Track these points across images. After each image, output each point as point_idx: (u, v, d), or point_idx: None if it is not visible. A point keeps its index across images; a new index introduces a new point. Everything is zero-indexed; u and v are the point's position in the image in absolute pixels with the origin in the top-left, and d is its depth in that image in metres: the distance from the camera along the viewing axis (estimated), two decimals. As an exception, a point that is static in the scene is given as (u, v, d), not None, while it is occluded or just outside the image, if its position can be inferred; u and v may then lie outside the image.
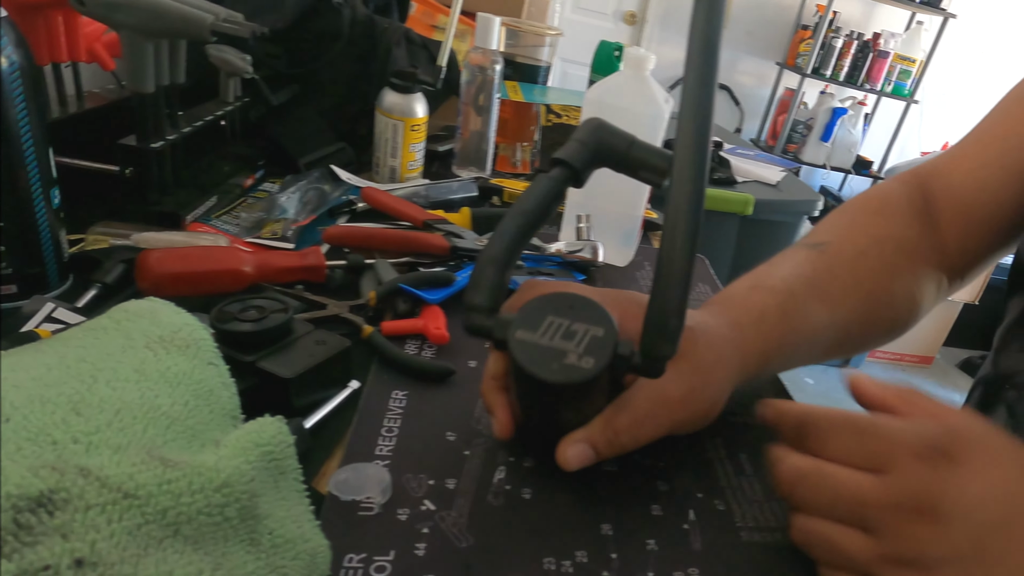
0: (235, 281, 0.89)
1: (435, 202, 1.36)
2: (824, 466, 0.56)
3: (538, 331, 0.57)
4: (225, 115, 1.26)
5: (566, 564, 0.63)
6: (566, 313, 0.59)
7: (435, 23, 2.02)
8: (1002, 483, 0.49)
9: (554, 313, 0.59)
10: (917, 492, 0.50)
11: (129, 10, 0.92)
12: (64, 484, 0.37)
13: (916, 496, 0.50)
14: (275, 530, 0.48)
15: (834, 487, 0.54)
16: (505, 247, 0.62)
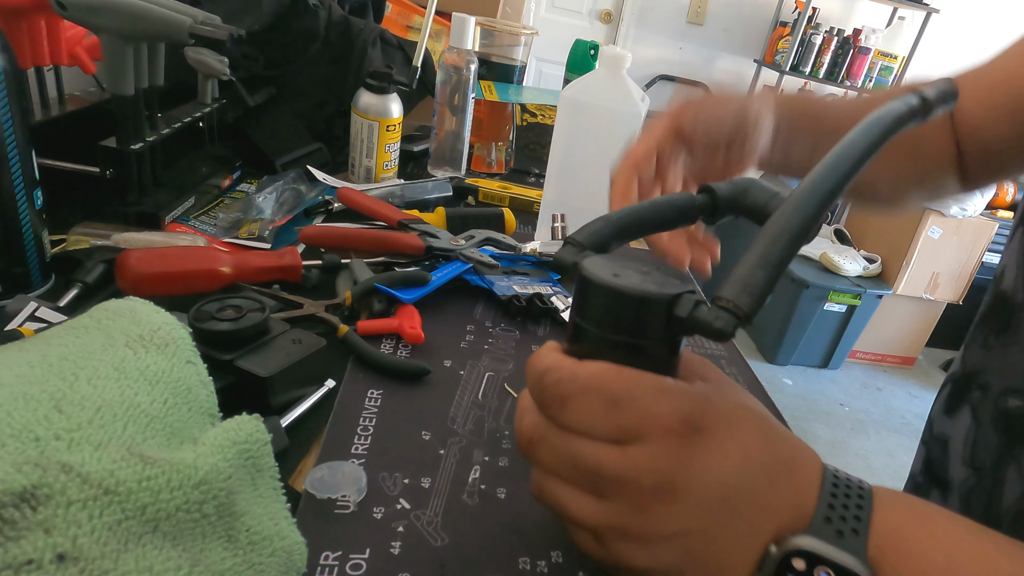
0: (213, 281, 0.90)
1: (410, 202, 1.37)
2: (565, 435, 0.51)
3: (613, 266, 0.52)
4: (203, 117, 1.27)
5: (541, 564, 0.63)
6: (645, 265, 0.55)
7: (410, 23, 2.02)
8: (739, 456, 0.48)
9: (632, 260, 0.55)
10: (659, 468, 0.48)
11: (109, 14, 0.92)
12: (47, 480, 0.37)
13: (657, 472, 0.48)
14: (252, 527, 0.48)
15: (572, 457, 0.51)
16: (625, 214, 0.61)
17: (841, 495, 0.48)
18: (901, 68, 5.19)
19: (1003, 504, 0.73)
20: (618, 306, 0.50)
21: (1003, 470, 0.73)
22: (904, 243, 4.84)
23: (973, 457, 0.78)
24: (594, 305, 0.52)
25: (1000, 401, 0.75)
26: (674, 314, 0.49)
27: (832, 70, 5.25)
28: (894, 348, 5.38)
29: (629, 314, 0.50)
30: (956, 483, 0.80)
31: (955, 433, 0.82)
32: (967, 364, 0.83)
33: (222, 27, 1.01)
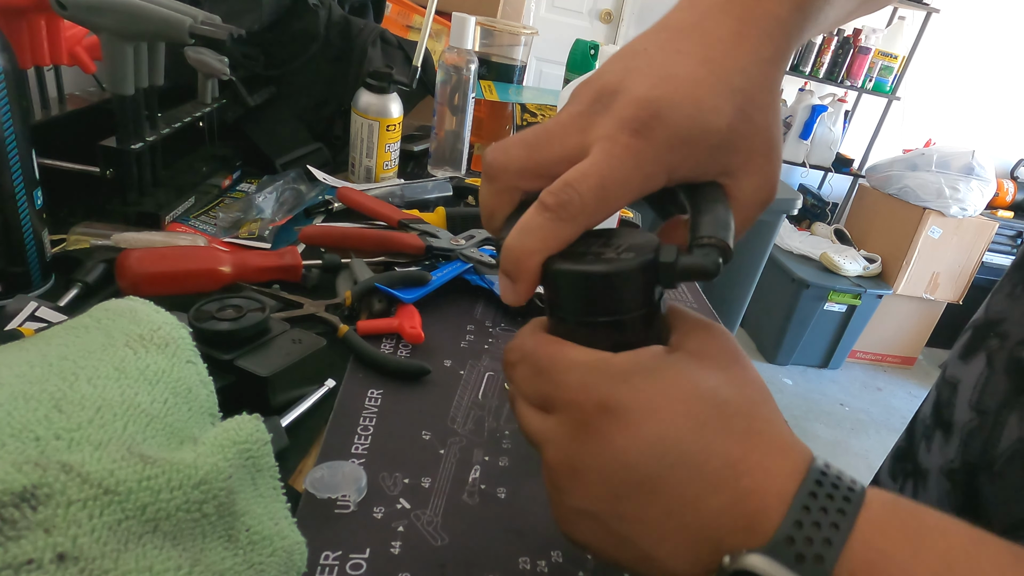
0: (213, 280, 0.90)
1: (410, 202, 1.37)
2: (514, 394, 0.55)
3: (572, 256, 0.51)
4: (203, 116, 1.27)
5: (541, 564, 0.64)
6: (605, 235, 0.54)
7: (410, 23, 2.02)
8: (654, 443, 0.46)
9: (593, 235, 0.53)
10: (563, 442, 0.49)
11: (109, 13, 0.92)
12: (47, 480, 0.37)
13: (561, 446, 0.49)
14: (252, 527, 0.48)
15: (516, 412, 0.54)
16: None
17: (816, 510, 0.43)
18: (901, 68, 5.19)
19: (999, 446, 0.73)
20: (600, 289, 0.50)
21: (1005, 415, 0.73)
22: (904, 243, 4.85)
23: (980, 401, 0.78)
24: (574, 297, 0.51)
25: (1016, 350, 0.75)
26: (660, 263, 0.48)
27: (832, 70, 5.24)
28: (894, 348, 5.38)
29: (612, 294, 0.50)
30: (960, 425, 0.80)
31: (966, 377, 0.82)
32: (990, 311, 0.83)
33: (222, 27, 1.01)
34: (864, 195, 5.39)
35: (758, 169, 0.51)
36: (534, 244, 0.49)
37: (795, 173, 5.70)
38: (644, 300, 0.50)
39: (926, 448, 0.85)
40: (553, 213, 0.49)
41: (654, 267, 0.49)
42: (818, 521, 0.43)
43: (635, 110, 0.49)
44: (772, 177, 0.51)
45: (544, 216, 0.49)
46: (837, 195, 5.73)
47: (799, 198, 3.26)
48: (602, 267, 0.48)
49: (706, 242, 0.47)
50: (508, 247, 0.51)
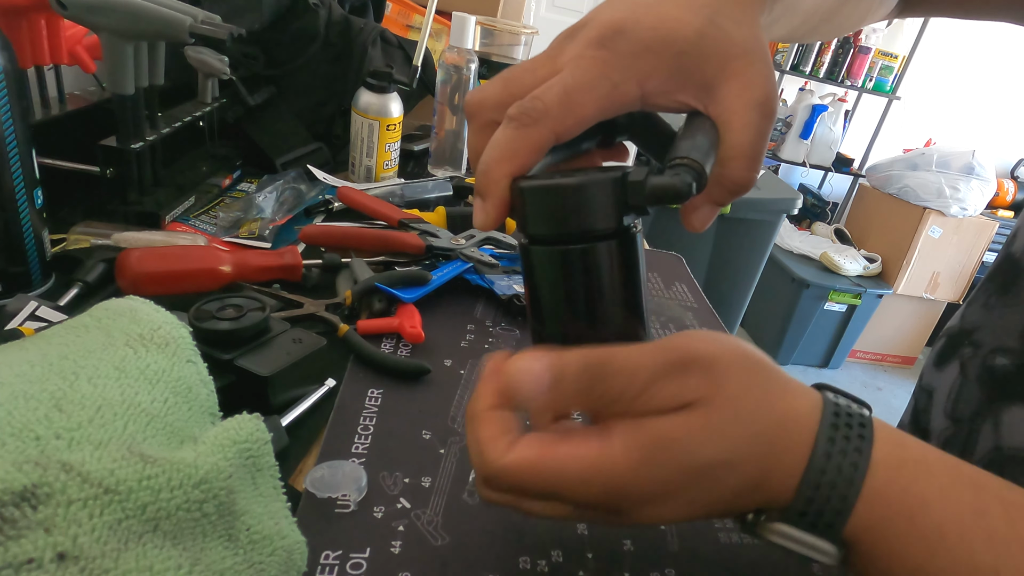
0: (213, 280, 0.90)
1: (410, 201, 1.37)
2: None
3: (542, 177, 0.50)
4: (203, 116, 1.27)
5: (541, 564, 0.63)
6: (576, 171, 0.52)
7: (410, 23, 2.02)
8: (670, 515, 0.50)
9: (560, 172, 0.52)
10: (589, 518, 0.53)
11: (109, 13, 0.92)
12: (47, 479, 0.37)
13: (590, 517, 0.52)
14: (252, 526, 0.48)
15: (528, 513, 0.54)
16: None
17: (820, 500, 0.47)
18: (901, 68, 5.19)
19: (975, 455, 0.74)
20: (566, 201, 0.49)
21: (979, 423, 0.74)
22: (904, 243, 4.85)
23: (954, 409, 0.79)
24: (541, 212, 0.50)
25: (988, 358, 0.75)
26: (629, 180, 0.47)
27: (832, 70, 5.24)
28: (894, 348, 5.38)
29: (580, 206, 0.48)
30: (935, 433, 0.81)
31: (941, 385, 0.82)
32: (965, 320, 0.83)
33: (222, 26, 1.01)
34: (864, 195, 5.39)
35: (738, 72, 0.50)
36: (499, 154, 0.49)
37: (795, 173, 5.70)
38: (612, 221, 0.49)
39: None
40: (517, 122, 0.49)
41: (622, 185, 0.48)
42: (827, 499, 0.47)
43: (600, 30, 0.50)
44: (757, 78, 0.50)
45: (509, 127, 0.49)
46: (837, 195, 5.74)
47: (799, 198, 3.26)
48: (567, 180, 0.48)
49: (679, 162, 0.46)
50: (479, 165, 0.51)
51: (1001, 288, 0.79)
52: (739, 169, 0.51)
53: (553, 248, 0.50)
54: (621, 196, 0.48)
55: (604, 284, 0.50)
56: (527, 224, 0.50)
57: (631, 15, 0.50)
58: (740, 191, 0.52)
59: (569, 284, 0.50)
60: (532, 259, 0.51)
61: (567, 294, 0.51)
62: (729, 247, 3.27)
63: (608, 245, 0.49)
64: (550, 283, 0.51)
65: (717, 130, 0.51)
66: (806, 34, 0.75)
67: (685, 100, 0.52)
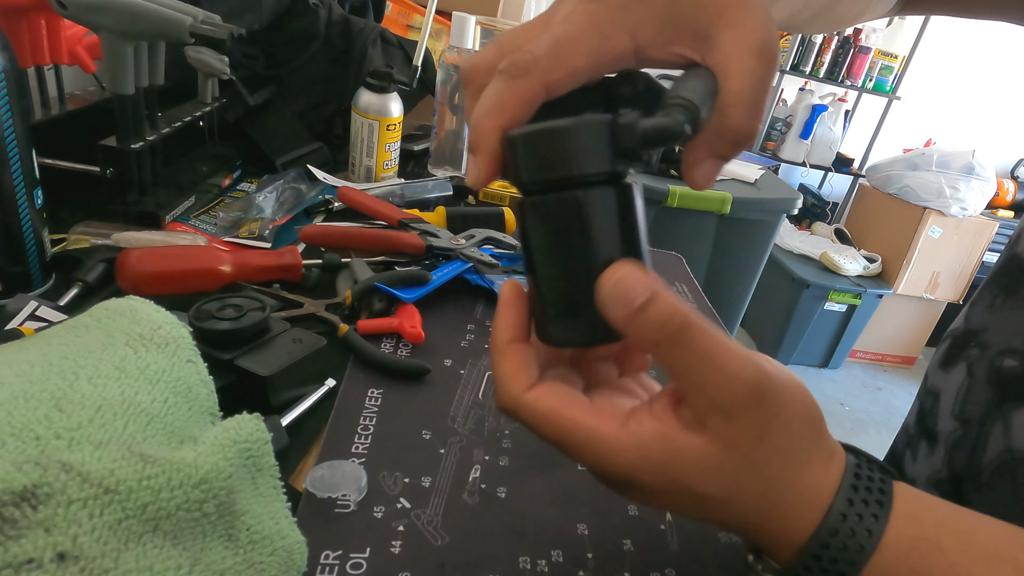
0: (213, 280, 0.90)
1: (410, 201, 1.37)
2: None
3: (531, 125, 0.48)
4: (203, 116, 1.27)
5: (541, 564, 0.63)
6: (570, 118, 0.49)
7: (410, 23, 2.02)
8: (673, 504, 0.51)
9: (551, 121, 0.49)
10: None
11: (109, 12, 0.92)
12: (47, 479, 0.37)
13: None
14: (252, 526, 0.48)
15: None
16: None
17: (827, 559, 0.47)
18: (901, 68, 5.19)
19: (985, 457, 0.73)
20: (555, 144, 0.47)
21: (989, 425, 0.74)
22: (904, 243, 4.85)
23: (962, 411, 0.78)
24: (532, 157, 0.48)
25: (996, 360, 0.75)
26: (619, 123, 0.46)
27: (832, 70, 5.24)
28: (894, 348, 5.38)
29: (570, 149, 0.47)
30: (944, 435, 0.80)
31: (947, 387, 0.82)
32: (970, 322, 0.83)
33: (222, 26, 1.01)
34: (864, 195, 5.39)
35: (735, 19, 0.49)
36: (488, 107, 0.49)
37: (795, 173, 5.70)
38: (605, 165, 0.47)
39: (912, 457, 0.85)
40: (506, 74, 0.48)
41: (614, 128, 0.47)
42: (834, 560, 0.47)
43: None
44: (755, 23, 0.49)
45: (498, 80, 0.49)
46: (837, 195, 5.74)
47: (799, 197, 3.25)
48: (555, 123, 0.47)
49: (671, 102, 0.45)
50: (470, 121, 0.50)
51: (1007, 289, 0.79)
52: (740, 116, 0.49)
53: (547, 197, 0.48)
54: (613, 140, 0.47)
55: (602, 234, 0.48)
56: (519, 174, 0.49)
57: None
58: (743, 141, 0.51)
59: (565, 235, 0.49)
60: (526, 212, 0.50)
61: (563, 247, 0.49)
62: (729, 247, 3.26)
63: (604, 192, 0.48)
64: (545, 235, 0.50)
65: (715, 79, 0.50)
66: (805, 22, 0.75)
67: (681, 51, 0.51)
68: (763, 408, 0.47)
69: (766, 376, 0.46)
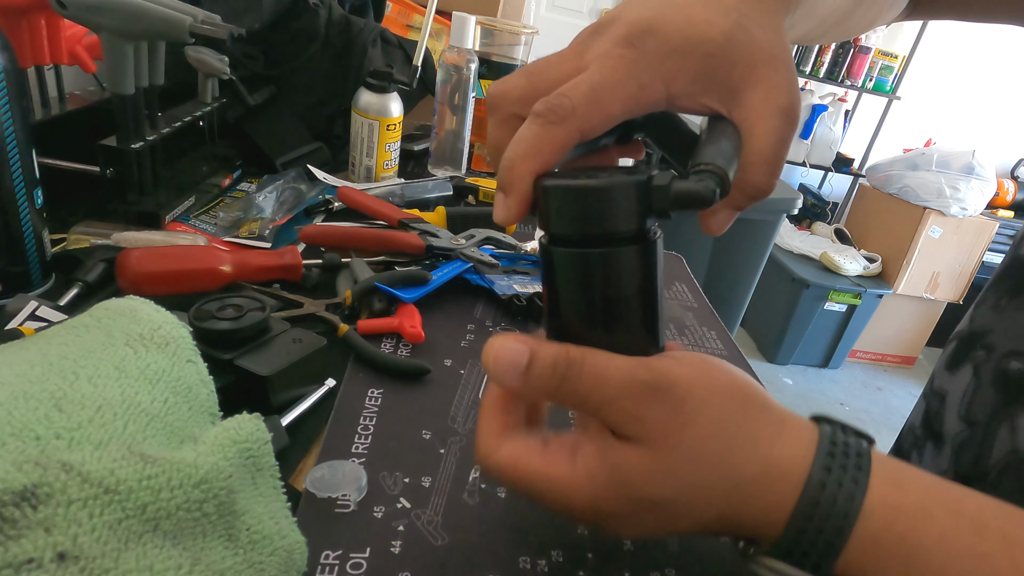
0: (213, 280, 0.90)
1: (410, 201, 1.37)
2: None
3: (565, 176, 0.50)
4: (203, 116, 1.27)
5: (541, 563, 0.63)
6: (606, 168, 0.53)
7: (410, 22, 2.02)
8: (658, 524, 0.52)
9: (592, 168, 0.54)
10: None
11: (109, 12, 0.92)
12: (47, 479, 0.37)
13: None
14: (253, 526, 0.48)
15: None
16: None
17: (806, 542, 0.48)
18: (901, 68, 5.19)
19: (991, 458, 0.73)
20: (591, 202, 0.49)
21: (995, 427, 0.74)
22: (904, 243, 4.85)
23: (968, 412, 0.78)
24: (564, 212, 0.50)
25: (1003, 362, 0.75)
26: (654, 185, 0.48)
27: (832, 70, 5.24)
28: (894, 348, 5.38)
29: (603, 209, 0.49)
30: (950, 436, 0.80)
31: (954, 389, 0.82)
32: (975, 323, 0.83)
33: (222, 26, 1.01)
34: (864, 195, 5.39)
35: (763, 78, 0.50)
36: (524, 150, 0.49)
37: (795, 173, 5.70)
38: (635, 224, 0.49)
39: (917, 458, 0.86)
40: (543, 119, 0.49)
41: (647, 188, 0.48)
42: (816, 536, 0.48)
43: (628, 28, 0.49)
44: (782, 83, 0.50)
45: (535, 123, 0.49)
46: (837, 195, 5.74)
47: (799, 197, 3.25)
48: (592, 181, 0.48)
49: (703, 168, 0.47)
50: (503, 160, 0.51)
51: (1011, 291, 0.79)
52: (760, 175, 0.51)
53: (574, 251, 0.50)
54: (645, 200, 0.48)
55: (622, 289, 0.50)
56: (549, 223, 0.50)
57: (660, 14, 0.50)
58: (760, 196, 0.52)
59: (587, 287, 0.51)
60: (553, 260, 0.51)
61: (584, 296, 0.51)
62: (729, 247, 3.27)
63: (629, 250, 0.49)
64: (568, 284, 0.51)
65: (740, 135, 0.51)
66: (819, 36, 0.75)
67: (709, 103, 0.52)
68: (666, 400, 0.48)
69: (659, 372, 0.49)
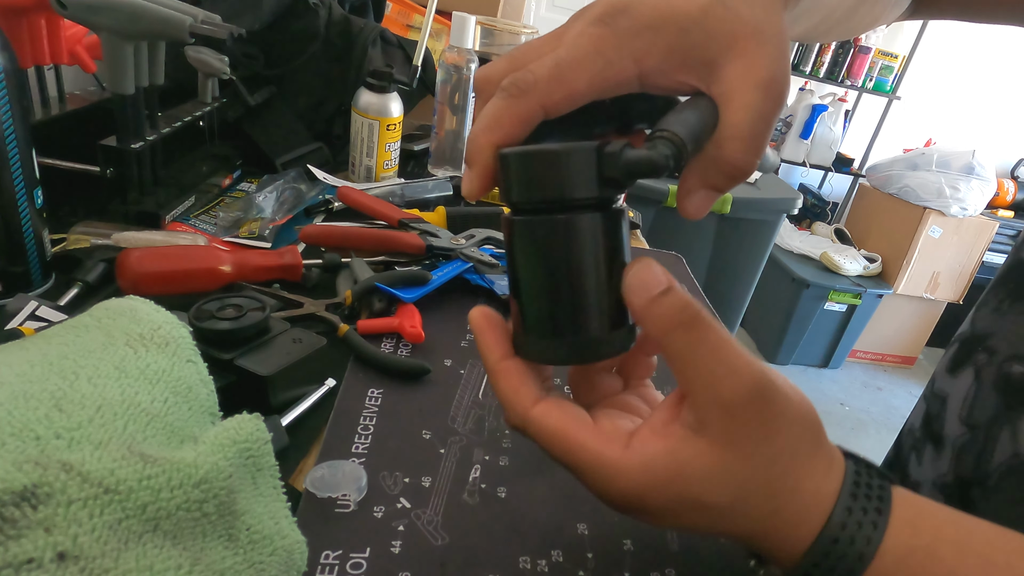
0: (213, 280, 0.90)
1: (410, 201, 1.37)
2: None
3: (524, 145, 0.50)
4: (203, 116, 1.27)
5: (541, 563, 0.63)
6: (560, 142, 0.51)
7: (410, 22, 2.02)
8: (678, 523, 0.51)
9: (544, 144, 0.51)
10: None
11: (109, 12, 0.92)
12: (47, 479, 0.37)
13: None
14: (253, 526, 0.48)
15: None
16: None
17: (826, 567, 0.48)
18: (901, 68, 5.19)
19: (992, 461, 0.73)
20: (544, 167, 0.48)
21: (997, 430, 0.74)
22: (904, 243, 4.84)
23: (970, 416, 0.78)
24: (521, 178, 0.49)
25: (1004, 365, 0.75)
26: (604, 152, 0.47)
27: (832, 70, 5.24)
28: (894, 348, 5.38)
29: (557, 173, 0.48)
30: (950, 439, 0.80)
31: (955, 391, 0.82)
32: (976, 326, 0.83)
33: (222, 26, 1.01)
34: (864, 195, 5.38)
35: (744, 51, 0.48)
36: (487, 124, 0.49)
37: (795, 173, 5.70)
38: (593, 191, 0.48)
39: (917, 461, 0.86)
40: (506, 92, 0.49)
41: (599, 155, 0.47)
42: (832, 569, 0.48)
43: (603, 7, 0.49)
44: (764, 57, 0.48)
45: (498, 97, 0.49)
46: (837, 195, 5.73)
47: (799, 197, 3.26)
48: (543, 147, 0.48)
49: (658, 135, 0.46)
50: (469, 135, 0.51)
51: (1013, 294, 0.79)
52: (736, 151, 0.49)
53: (534, 218, 0.49)
54: (598, 166, 0.48)
55: (587, 258, 0.49)
56: (509, 192, 0.50)
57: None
58: (738, 176, 0.51)
59: (550, 256, 0.50)
60: (514, 231, 0.51)
61: (549, 267, 0.50)
62: (729, 247, 3.27)
63: (590, 217, 0.49)
64: (531, 257, 0.51)
65: (716, 110, 0.50)
66: (822, 34, 0.75)
67: (685, 79, 0.50)
68: (766, 407, 0.47)
69: (769, 377, 0.47)
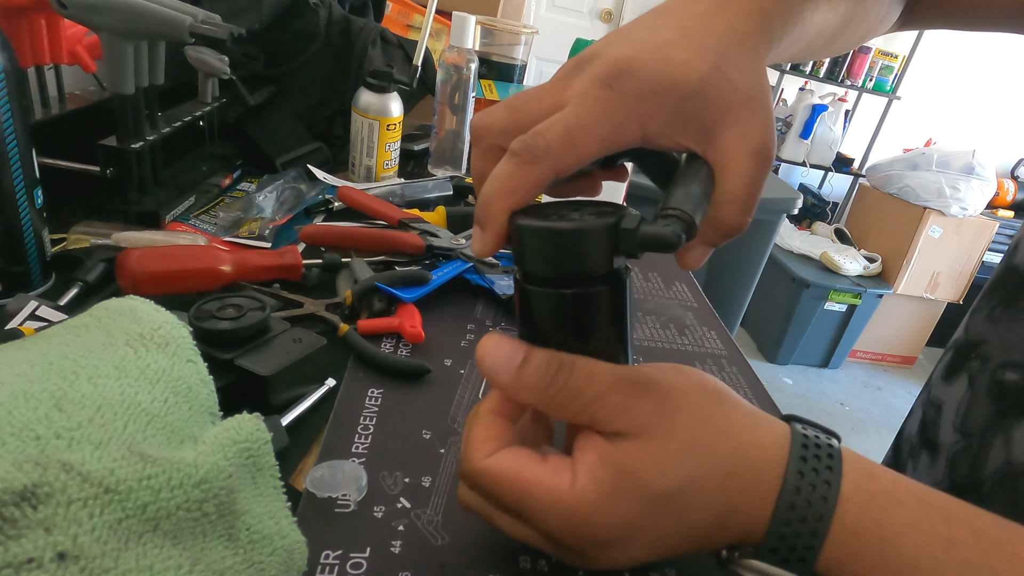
0: (213, 280, 0.90)
1: (410, 201, 1.37)
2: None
3: (539, 215, 0.52)
4: (203, 115, 1.27)
5: (541, 563, 0.63)
6: (579, 203, 0.56)
7: (410, 22, 2.02)
8: (641, 555, 0.53)
9: (567, 202, 0.56)
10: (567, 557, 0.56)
11: (109, 12, 0.92)
12: (47, 479, 0.37)
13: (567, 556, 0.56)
14: (253, 526, 0.48)
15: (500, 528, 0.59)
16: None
17: (791, 534, 0.49)
18: (901, 68, 5.20)
19: (986, 469, 0.74)
20: (560, 244, 0.51)
21: (990, 438, 0.74)
22: (904, 242, 4.85)
23: (964, 423, 0.79)
24: (536, 252, 0.52)
25: (998, 373, 0.76)
26: (621, 228, 0.49)
27: (832, 70, 5.25)
28: (894, 347, 5.38)
29: (573, 251, 0.51)
30: (945, 446, 0.81)
31: (949, 399, 0.82)
32: (970, 332, 0.83)
33: (222, 26, 1.01)
34: (864, 195, 5.39)
35: (738, 119, 0.51)
36: (500, 188, 0.51)
37: (795, 173, 5.71)
38: (603, 265, 0.51)
39: (912, 467, 0.86)
40: (519, 157, 0.50)
41: (615, 231, 0.50)
42: (796, 536, 0.49)
43: (607, 67, 0.50)
44: (757, 125, 0.51)
45: (511, 162, 0.50)
46: (837, 195, 5.74)
47: (799, 197, 3.25)
48: (561, 224, 0.49)
49: (670, 213, 0.48)
50: (480, 195, 0.52)
51: (1006, 301, 0.79)
52: (732, 214, 0.52)
53: (546, 290, 0.52)
54: (613, 241, 0.50)
55: (592, 324, 0.53)
56: (523, 261, 0.53)
57: (638, 55, 0.50)
58: (733, 234, 0.54)
59: (559, 322, 0.53)
60: (525, 296, 0.54)
61: (556, 330, 0.54)
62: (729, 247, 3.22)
63: (599, 291, 0.52)
64: (541, 318, 0.54)
65: (713, 175, 0.53)
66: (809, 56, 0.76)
67: (685, 143, 0.53)
68: (652, 394, 0.51)
69: (642, 371, 0.52)
